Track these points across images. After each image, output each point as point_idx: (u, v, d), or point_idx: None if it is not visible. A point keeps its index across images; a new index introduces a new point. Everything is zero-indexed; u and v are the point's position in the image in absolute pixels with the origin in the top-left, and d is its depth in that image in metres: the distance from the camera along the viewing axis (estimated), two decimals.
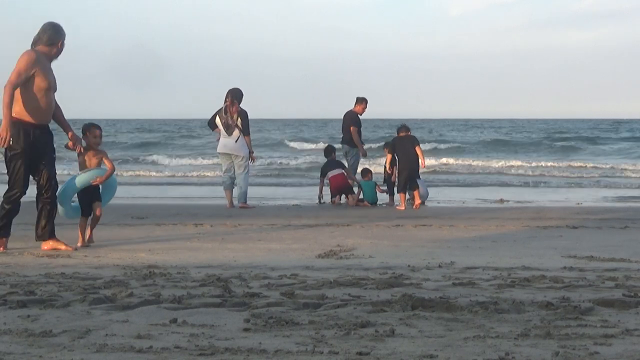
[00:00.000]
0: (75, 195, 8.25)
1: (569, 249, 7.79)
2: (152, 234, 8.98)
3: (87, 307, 4.68)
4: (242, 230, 9.61)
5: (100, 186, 8.23)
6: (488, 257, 7.14)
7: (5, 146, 7.55)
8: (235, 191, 13.18)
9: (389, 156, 13.88)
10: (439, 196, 15.73)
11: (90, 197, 8.19)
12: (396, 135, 14.02)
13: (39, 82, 7.62)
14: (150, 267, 6.49)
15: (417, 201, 13.25)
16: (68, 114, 8.14)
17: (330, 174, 14.24)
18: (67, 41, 7.81)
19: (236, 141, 13.08)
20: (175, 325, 4.21)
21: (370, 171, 14.58)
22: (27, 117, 7.63)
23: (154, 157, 31.52)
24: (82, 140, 8.22)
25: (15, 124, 7.55)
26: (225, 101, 13.12)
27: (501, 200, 15.22)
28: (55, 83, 7.87)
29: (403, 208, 13.02)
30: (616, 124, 75.12)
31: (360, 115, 14.79)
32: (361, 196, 14.19)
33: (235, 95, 13.15)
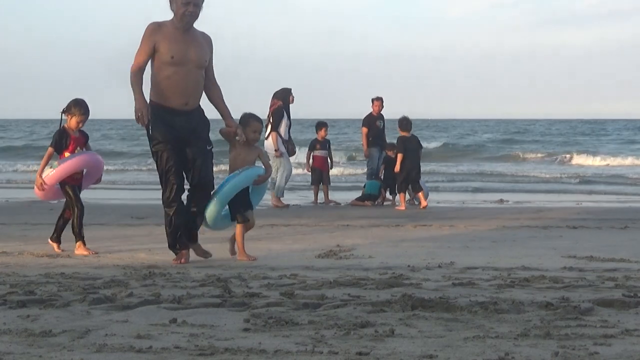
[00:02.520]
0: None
1: (569, 249, 7.79)
2: (152, 234, 8.97)
3: (87, 307, 4.68)
4: None
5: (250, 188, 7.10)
6: (488, 257, 7.14)
7: (145, 123, 6.38)
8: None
9: (400, 156, 13.38)
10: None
11: (242, 201, 7.04)
12: (398, 127, 13.63)
13: (161, 56, 6.51)
14: (150, 267, 6.49)
15: (424, 203, 13.13)
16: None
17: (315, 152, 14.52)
18: (68, 41, 7.50)
19: (266, 139, 13.03)
20: (175, 325, 4.21)
21: (379, 175, 14.53)
22: (163, 101, 6.49)
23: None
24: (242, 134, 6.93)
25: (153, 110, 6.48)
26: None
27: (501, 201, 15.26)
28: (196, 56, 6.60)
29: (403, 208, 13.01)
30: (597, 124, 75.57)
31: (376, 114, 14.76)
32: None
33: (276, 94, 13.11)
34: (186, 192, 6.88)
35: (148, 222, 10.40)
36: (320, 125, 14.65)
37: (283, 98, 13.10)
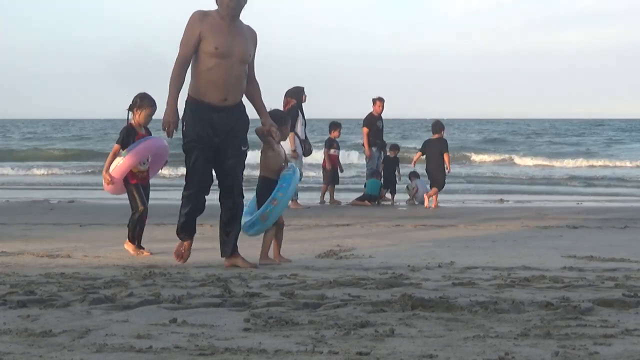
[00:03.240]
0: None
1: (569, 248, 7.79)
2: (152, 234, 8.96)
3: (87, 307, 4.68)
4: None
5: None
6: (488, 257, 7.14)
7: (171, 136, 6.19)
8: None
9: (417, 154, 14.45)
10: None
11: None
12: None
13: (204, 47, 6.16)
14: (150, 267, 6.49)
15: (426, 203, 13.46)
16: (69, 114, 7.69)
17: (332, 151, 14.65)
18: (68, 42, 7.32)
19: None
20: (175, 325, 4.21)
21: (379, 173, 14.60)
22: (201, 96, 6.15)
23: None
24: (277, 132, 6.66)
25: (190, 106, 6.22)
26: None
27: (501, 200, 15.27)
28: (240, 50, 6.26)
29: (434, 205, 13.35)
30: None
31: (377, 114, 14.79)
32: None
33: (289, 93, 13.02)
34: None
35: (148, 222, 10.37)
36: (335, 125, 14.80)
37: (296, 96, 13.03)
